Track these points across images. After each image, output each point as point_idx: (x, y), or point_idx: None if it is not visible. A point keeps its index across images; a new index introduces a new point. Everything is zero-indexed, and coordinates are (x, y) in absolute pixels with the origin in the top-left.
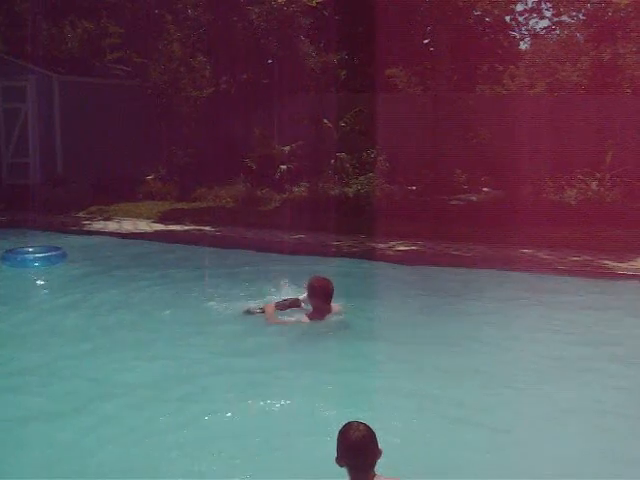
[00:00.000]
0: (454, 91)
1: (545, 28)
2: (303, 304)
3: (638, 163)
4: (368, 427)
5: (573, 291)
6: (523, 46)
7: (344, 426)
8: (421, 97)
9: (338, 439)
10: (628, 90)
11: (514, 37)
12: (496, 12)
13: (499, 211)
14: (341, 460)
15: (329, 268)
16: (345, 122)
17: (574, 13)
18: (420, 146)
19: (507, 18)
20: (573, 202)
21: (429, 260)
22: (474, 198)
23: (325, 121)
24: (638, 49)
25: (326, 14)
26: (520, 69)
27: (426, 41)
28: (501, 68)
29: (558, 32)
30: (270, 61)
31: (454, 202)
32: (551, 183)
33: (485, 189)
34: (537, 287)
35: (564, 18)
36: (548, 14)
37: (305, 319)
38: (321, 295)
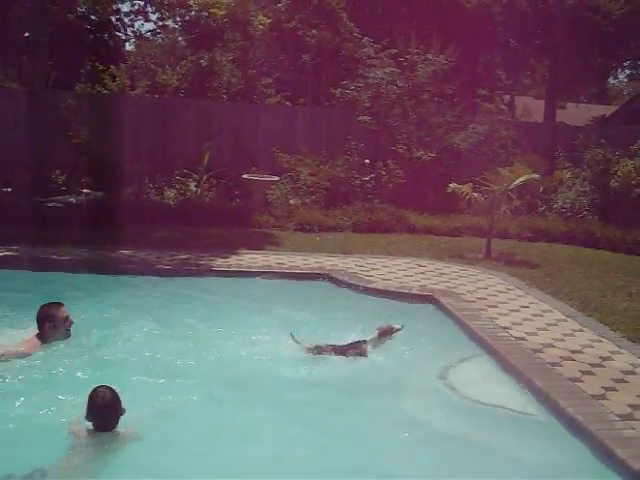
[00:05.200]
0: (53, 88)
1: (150, 31)
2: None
3: (234, 164)
4: (112, 392)
5: (174, 288)
6: (129, 47)
7: (92, 390)
8: (16, 93)
9: (87, 400)
10: (224, 95)
11: (119, 38)
12: (100, 11)
13: (100, 213)
14: (88, 418)
15: None
16: None
17: (178, 19)
18: (16, 145)
19: (113, 18)
20: (173, 202)
21: (26, 265)
22: (73, 200)
23: None
24: (234, 57)
25: None
26: (121, 70)
27: (26, 34)
28: (102, 67)
29: (163, 36)
30: None
31: (52, 204)
32: (152, 184)
33: (86, 190)
34: (139, 287)
35: (169, 23)
36: (154, 17)
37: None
38: None
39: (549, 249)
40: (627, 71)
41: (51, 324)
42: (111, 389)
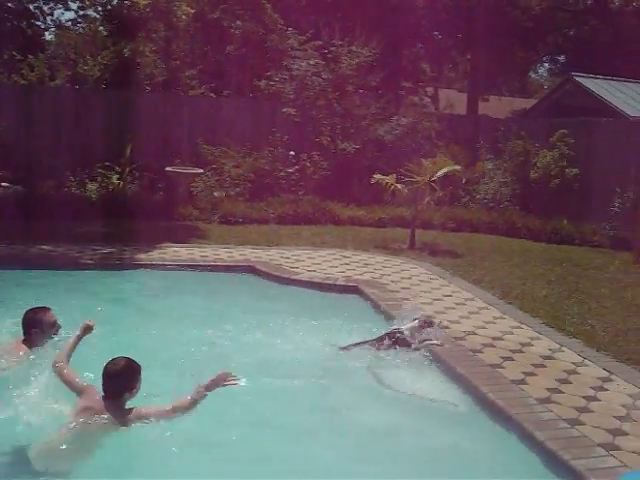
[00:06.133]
0: None
1: (71, 20)
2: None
3: (157, 157)
4: (128, 365)
5: (94, 283)
6: (48, 37)
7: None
8: None
9: None
10: (147, 87)
11: (38, 26)
12: None
13: (18, 207)
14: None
15: None
16: None
17: (100, 8)
18: None
19: (31, 6)
20: (94, 196)
21: None
22: None
23: None
24: (157, 48)
25: None
26: (40, 60)
27: None
28: (20, 57)
29: (83, 25)
30: None
31: None
32: (73, 177)
33: (4, 184)
34: (62, 282)
35: (89, 12)
36: (74, 6)
37: None
38: None
39: (472, 239)
40: (546, 65)
41: (38, 330)
42: (130, 362)
